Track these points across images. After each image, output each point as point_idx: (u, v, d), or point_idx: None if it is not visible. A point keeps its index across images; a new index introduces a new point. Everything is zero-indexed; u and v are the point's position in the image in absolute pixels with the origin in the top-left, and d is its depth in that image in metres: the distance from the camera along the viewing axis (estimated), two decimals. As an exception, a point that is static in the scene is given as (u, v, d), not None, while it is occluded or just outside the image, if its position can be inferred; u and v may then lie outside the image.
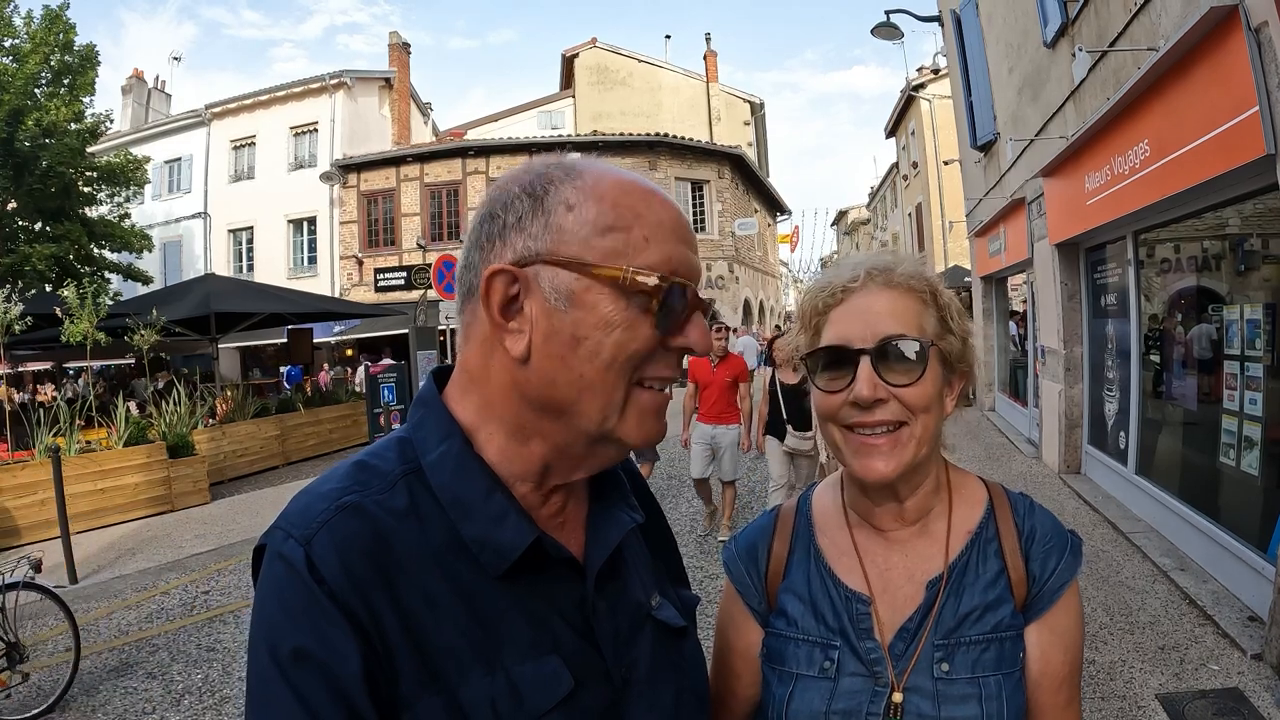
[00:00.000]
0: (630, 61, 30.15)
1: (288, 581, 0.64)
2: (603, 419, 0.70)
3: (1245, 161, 3.83)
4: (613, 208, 0.70)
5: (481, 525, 0.70)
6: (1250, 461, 4.36)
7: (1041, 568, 0.91)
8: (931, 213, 24.23)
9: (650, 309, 0.69)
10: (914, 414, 0.86)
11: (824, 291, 0.93)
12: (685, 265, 0.72)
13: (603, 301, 0.68)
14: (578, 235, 0.69)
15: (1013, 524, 0.93)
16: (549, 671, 0.69)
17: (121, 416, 8.66)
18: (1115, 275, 6.84)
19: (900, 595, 0.91)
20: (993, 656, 0.87)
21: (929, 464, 0.93)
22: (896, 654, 0.89)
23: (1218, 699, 3.24)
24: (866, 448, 0.87)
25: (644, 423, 0.73)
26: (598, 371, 0.69)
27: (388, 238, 22.23)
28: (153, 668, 4.26)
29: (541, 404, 0.71)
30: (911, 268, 0.93)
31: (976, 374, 0.95)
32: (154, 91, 28.04)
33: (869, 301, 0.90)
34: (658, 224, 0.71)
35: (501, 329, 0.70)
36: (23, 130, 14.37)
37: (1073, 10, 6.51)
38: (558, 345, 0.69)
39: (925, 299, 0.91)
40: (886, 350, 0.86)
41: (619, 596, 0.79)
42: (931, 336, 0.89)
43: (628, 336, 0.68)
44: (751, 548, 1.03)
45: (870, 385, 0.85)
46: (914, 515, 0.94)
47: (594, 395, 0.69)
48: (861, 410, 0.86)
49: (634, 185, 0.73)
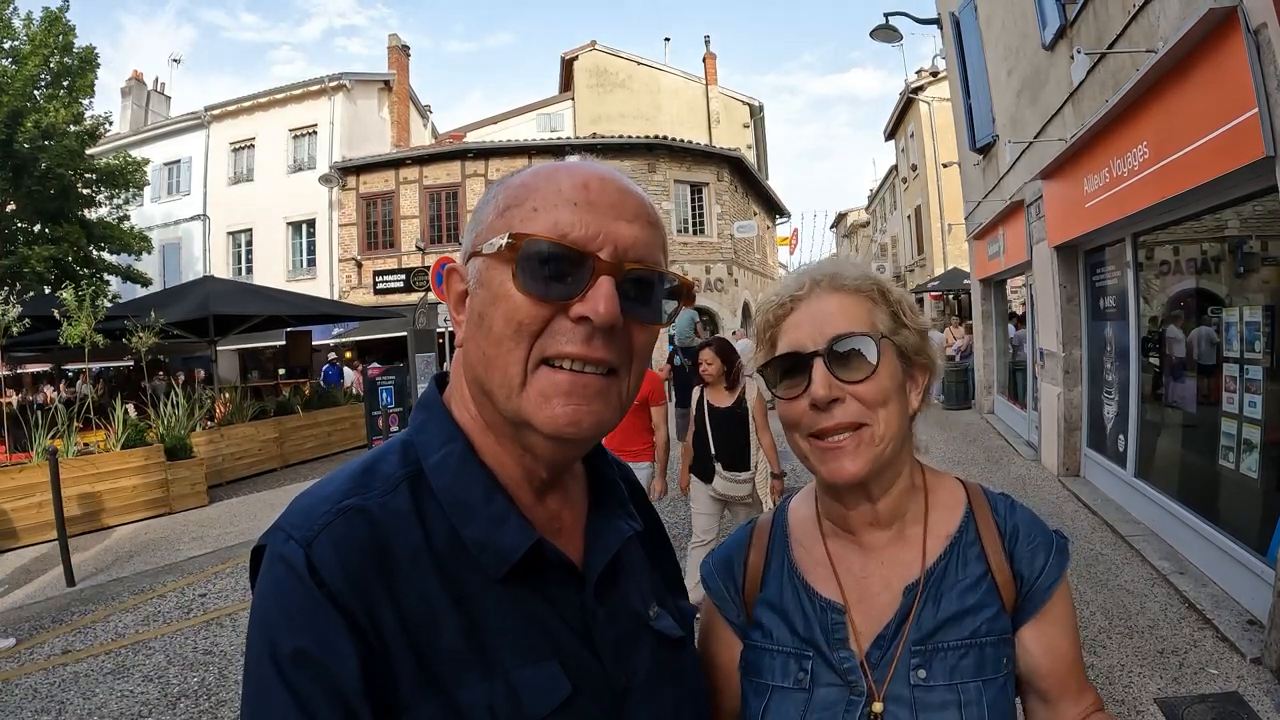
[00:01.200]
0: (629, 64, 30.17)
1: (288, 583, 0.63)
2: (505, 397, 0.70)
3: (1244, 163, 3.83)
4: (516, 190, 0.72)
5: (482, 528, 0.70)
6: (1250, 464, 4.35)
7: (1029, 568, 0.91)
8: (931, 215, 24.27)
9: (510, 270, 0.68)
10: (873, 410, 0.86)
11: (774, 304, 0.95)
12: (584, 229, 0.68)
13: (492, 276, 0.70)
14: (487, 222, 0.72)
15: (993, 525, 0.93)
16: (548, 676, 0.68)
17: (119, 418, 8.64)
18: (1114, 278, 6.84)
19: (877, 603, 0.91)
20: (972, 663, 0.86)
21: (899, 463, 0.92)
22: (874, 662, 0.88)
23: (1217, 703, 3.23)
24: (832, 451, 0.87)
25: (545, 404, 0.68)
26: (493, 345, 0.69)
27: (387, 240, 22.21)
28: (149, 671, 4.24)
29: (475, 389, 0.74)
30: (856, 271, 0.94)
31: (939, 365, 0.96)
32: (153, 93, 28.05)
33: (818, 306, 0.91)
34: (552, 193, 0.70)
35: (455, 323, 0.75)
36: (22, 132, 14.35)
37: (1071, 12, 6.52)
38: (473, 326, 0.72)
39: (874, 297, 0.92)
40: (837, 349, 0.87)
41: (618, 605, 0.79)
42: (884, 331, 0.89)
43: (509, 305, 0.68)
44: (727, 562, 1.03)
45: (825, 384, 0.85)
46: (888, 517, 0.93)
47: (493, 370, 0.70)
48: (821, 412, 0.87)
49: (548, 166, 0.73)
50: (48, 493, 6.37)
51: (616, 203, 0.70)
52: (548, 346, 0.68)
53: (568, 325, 0.68)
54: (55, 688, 4.07)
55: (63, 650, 4.64)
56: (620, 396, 0.73)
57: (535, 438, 0.71)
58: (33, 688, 4.08)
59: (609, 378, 0.71)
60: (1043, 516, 0.97)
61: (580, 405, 0.69)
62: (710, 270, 22.84)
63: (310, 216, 22.63)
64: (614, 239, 0.69)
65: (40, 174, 15.09)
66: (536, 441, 0.72)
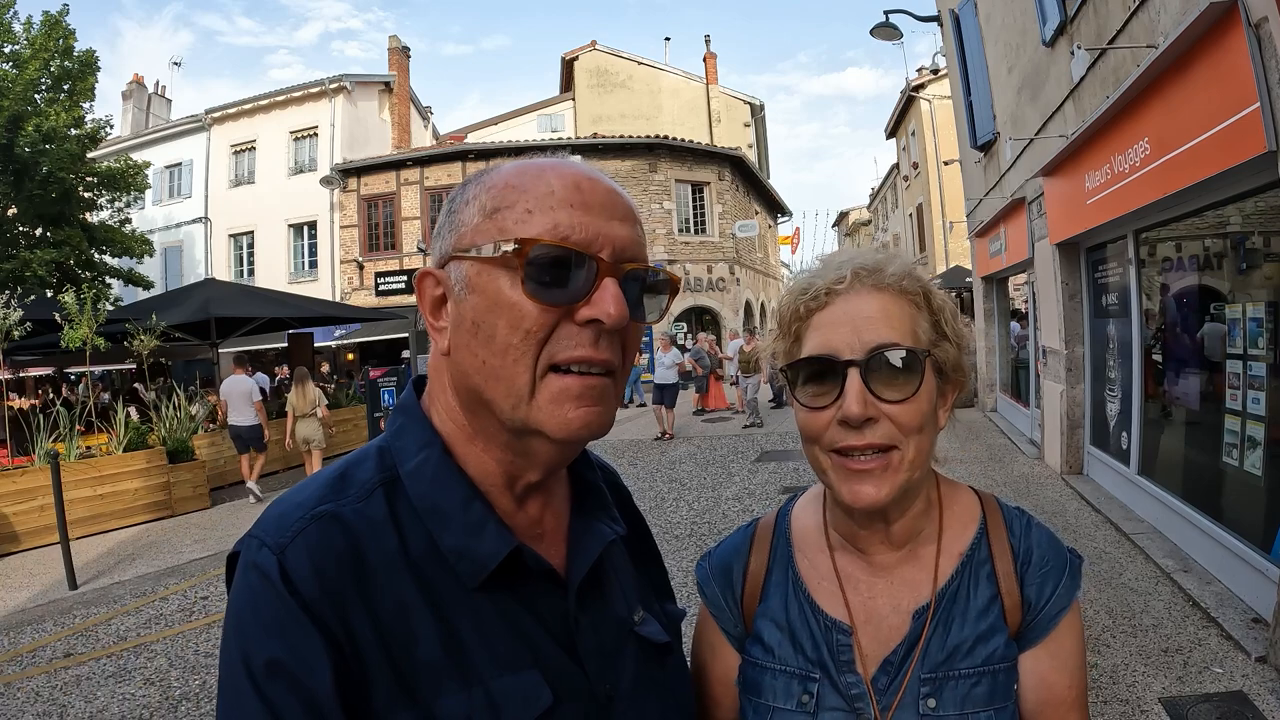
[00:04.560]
0: (630, 64, 30.18)
1: (261, 591, 0.62)
2: (512, 407, 0.68)
3: (1246, 159, 3.81)
4: (501, 190, 0.70)
5: (459, 535, 0.68)
6: (1253, 462, 4.33)
7: (1038, 593, 0.84)
8: (932, 213, 24.21)
9: (519, 276, 0.66)
10: (906, 435, 0.78)
11: (806, 294, 0.83)
12: (584, 231, 0.67)
13: (489, 282, 0.67)
14: (471, 224, 0.70)
15: (1007, 545, 0.86)
16: (528, 685, 0.67)
17: (121, 421, 8.66)
18: (1116, 274, 6.81)
19: (885, 626, 0.85)
20: (984, 691, 0.81)
21: (920, 484, 0.85)
22: (880, 688, 0.82)
23: (1221, 703, 3.21)
24: (857, 474, 0.79)
25: (557, 410, 0.67)
26: (496, 355, 0.67)
27: (388, 242, 22.25)
28: (151, 674, 4.24)
29: (467, 397, 0.71)
30: (902, 267, 0.83)
31: (971, 378, 0.89)
32: (154, 97, 28.13)
33: (857, 305, 0.81)
34: (545, 194, 0.68)
35: (433, 329, 0.72)
36: (23, 136, 14.38)
37: (1071, 8, 6.49)
38: (463, 334, 0.69)
39: (918, 302, 0.82)
40: (878, 362, 0.78)
41: (601, 611, 0.77)
42: (926, 344, 0.81)
43: (515, 313, 0.66)
44: (725, 569, 0.96)
45: (861, 402, 0.76)
46: (902, 539, 0.87)
47: (498, 381, 0.68)
48: (851, 430, 0.78)
49: (529, 165, 0.72)
50: (50, 496, 6.39)
51: (607, 203, 0.70)
52: (556, 353, 0.67)
53: (574, 329, 0.67)
54: (57, 691, 4.07)
55: (65, 653, 4.64)
56: (618, 396, 0.72)
57: (542, 444, 0.70)
58: (34, 691, 4.08)
59: (610, 378, 0.70)
60: (1045, 515, 0.94)
61: (592, 408, 0.68)
62: (712, 270, 22.84)
63: (311, 218, 22.68)
64: (611, 240, 0.68)
65: (41, 178, 15.11)
66: (542, 448, 0.70)
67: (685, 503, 7.54)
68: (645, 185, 21.83)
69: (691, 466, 9.59)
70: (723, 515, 6.93)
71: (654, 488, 8.38)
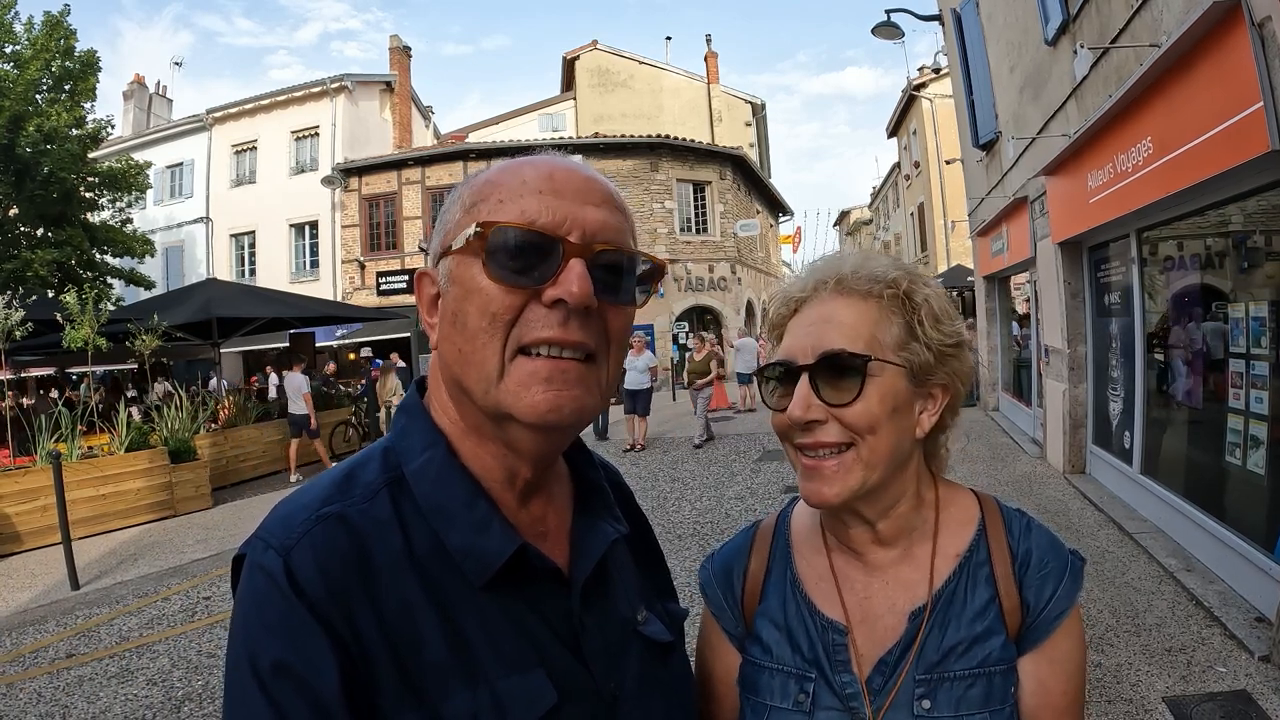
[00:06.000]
0: (631, 63, 30.17)
1: (267, 593, 0.62)
2: (484, 391, 0.68)
3: (1249, 157, 3.80)
4: (481, 186, 0.72)
5: (465, 534, 0.69)
6: (1257, 460, 4.32)
7: (1037, 596, 0.84)
8: (934, 212, 24.21)
9: (482, 260, 0.67)
10: (860, 435, 0.80)
11: (781, 302, 0.90)
12: (551, 215, 0.68)
13: (463, 271, 0.69)
14: (454, 221, 0.72)
15: (1006, 546, 0.86)
16: (533, 685, 0.67)
17: (123, 421, 8.66)
18: (1119, 274, 6.80)
19: (880, 626, 0.85)
20: (979, 693, 0.81)
21: (897, 486, 0.85)
22: (874, 689, 0.83)
23: (1225, 702, 3.21)
24: (812, 470, 0.82)
25: (524, 393, 0.67)
26: (469, 340, 0.68)
27: (389, 241, 22.25)
28: (154, 674, 4.24)
29: (453, 388, 0.73)
30: (868, 268, 0.85)
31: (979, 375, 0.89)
32: (155, 97, 28.14)
33: (819, 311, 0.84)
34: (518, 185, 0.69)
35: (428, 326, 0.74)
36: (24, 136, 14.40)
37: (1074, 7, 6.48)
38: (447, 325, 0.71)
39: (888, 304, 0.83)
40: (825, 366, 0.80)
41: (605, 610, 0.77)
42: (890, 346, 0.82)
43: (483, 298, 0.67)
44: (726, 570, 0.98)
45: (802, 405, 0.80)
46: (891, 537, 0.87)
47: (470, 366, 0.69)
48: (802, 430, 0.81)
49: (512, 162, 0.73)
50: (52, 496, 6.39)
51: (582, 189, 0.70)
52: (524, 335, 0.67)
53: (542, 311, 0.67)
54: (59, 691, 4.07)
55: (67, 654, 4.64)
56: (600, 383, 0.71)
57: (517, 430, 0.69)
58: (37, 692, 4.09)
59: (587, 364, 0.69)
60: (1048, 514, 0.93)
61: (561, 391, 0.67)
62: (713, 269, 22.83)
63: (313, 218, 22.68)
64: (581, 223, 0.68)
65: (43, 178, 15.13)
66: (519, 435, 0.70)
67: (688, 502, 7.54)
68: (647, 185, 21.83)
69: (694, 466, 9.59)
70: (725, 515, 6.93)
71: (656, 487, 8.38)
